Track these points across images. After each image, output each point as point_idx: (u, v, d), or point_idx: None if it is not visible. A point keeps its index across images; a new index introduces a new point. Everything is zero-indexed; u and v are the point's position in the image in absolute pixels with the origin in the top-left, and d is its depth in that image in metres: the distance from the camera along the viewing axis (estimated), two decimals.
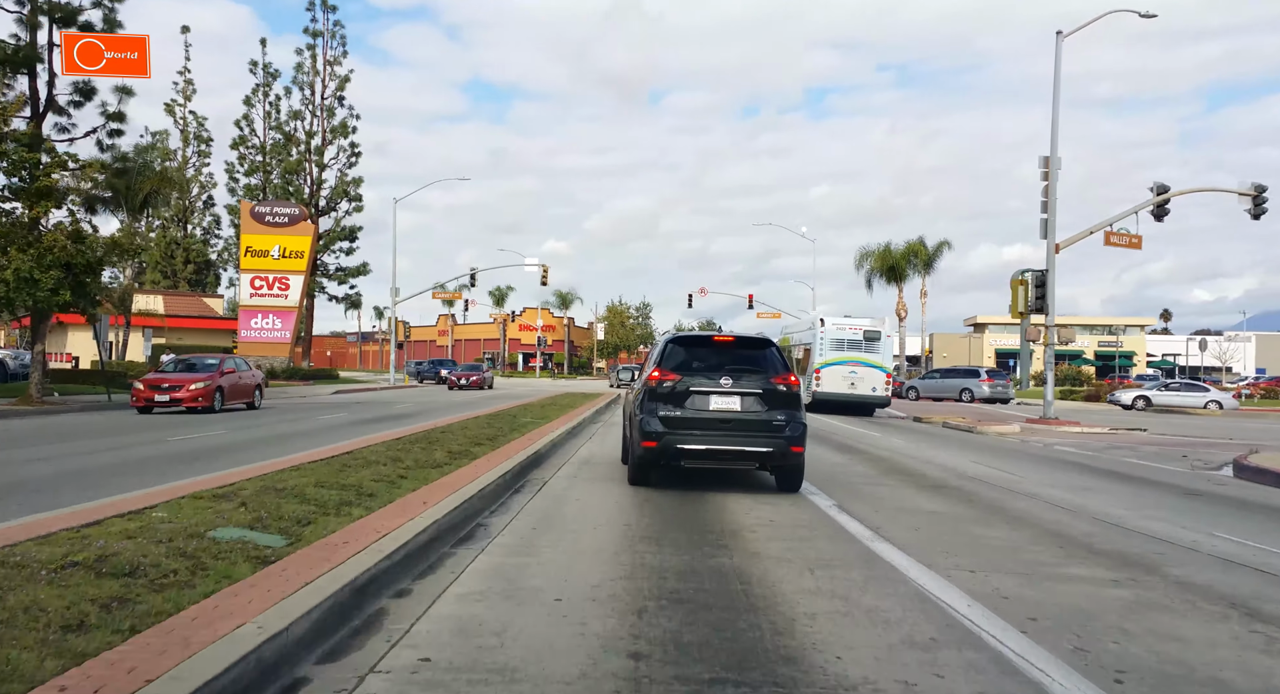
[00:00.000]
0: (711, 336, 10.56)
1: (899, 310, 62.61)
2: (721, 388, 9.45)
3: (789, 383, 9.63)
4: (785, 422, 9.47)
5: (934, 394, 44.27)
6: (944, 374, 44.92)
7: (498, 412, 21.00)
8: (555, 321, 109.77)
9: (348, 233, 61.98)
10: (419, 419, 20.69)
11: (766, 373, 9.65)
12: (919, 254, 61.40)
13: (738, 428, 9.42)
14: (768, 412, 9.47)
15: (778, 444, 9.40)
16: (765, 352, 10.04)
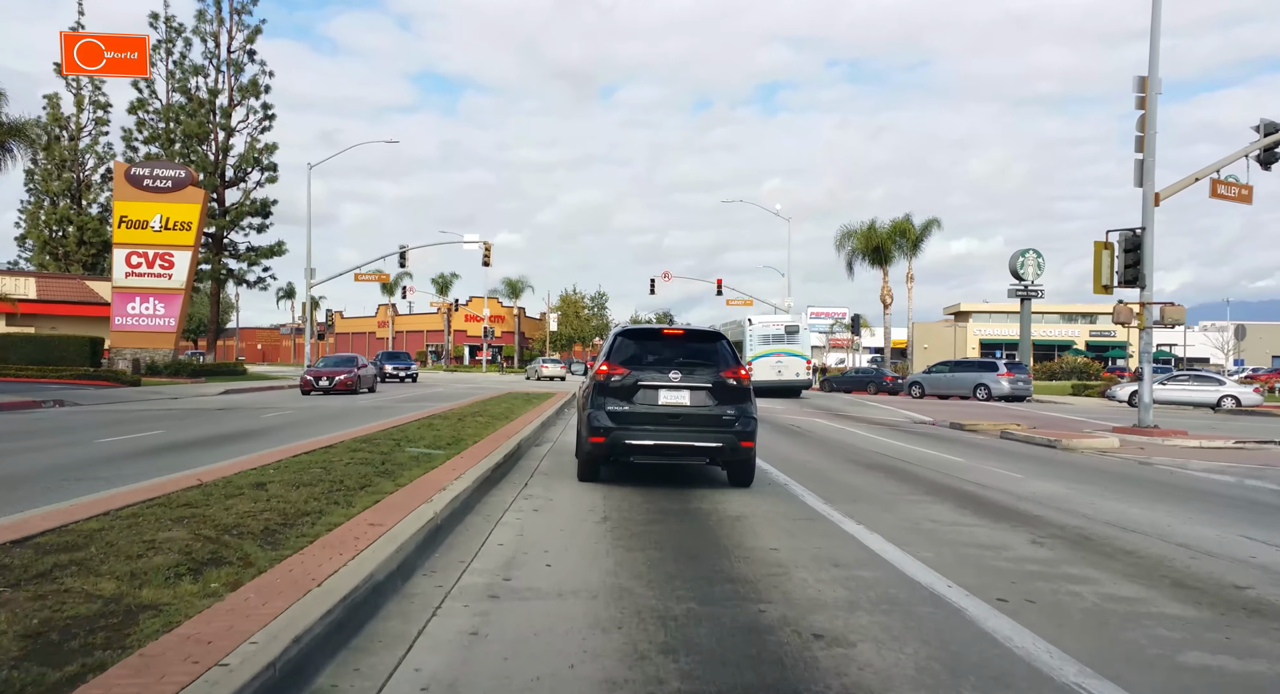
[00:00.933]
0: (661, 330, 10.22)
1: (884, 296, 56.44)
2: (671, 382, 9.32)
3: (739, 377, 9.48)
4: (735, 416, 9.33)
5: (941, 390, 38.04)
6: (954, 367, 38.62)
7: (373, 433, 13.78)
8: (504, 312, 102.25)
9: (259, 207, 54.04)
10: (234, 448, 13.49)
11: (717, 367, 9.48)
12: (907, 233, 55.27)
13: (687, 423, 9.29)
14: (718, 406, 9.34)
15: (727, 439, 9.26)
16: (716, 345, 9.83)
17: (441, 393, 33.79)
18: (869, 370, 48.06)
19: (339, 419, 19.39)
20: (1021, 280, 51.02)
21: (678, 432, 9.24)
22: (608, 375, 9.51)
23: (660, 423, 9.26)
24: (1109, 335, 68.12)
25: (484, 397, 26.46)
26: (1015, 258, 51.70)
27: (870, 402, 35.90)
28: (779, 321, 38.08)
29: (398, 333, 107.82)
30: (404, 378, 48.05)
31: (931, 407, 32.04)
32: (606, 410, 9.39)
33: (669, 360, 9.53)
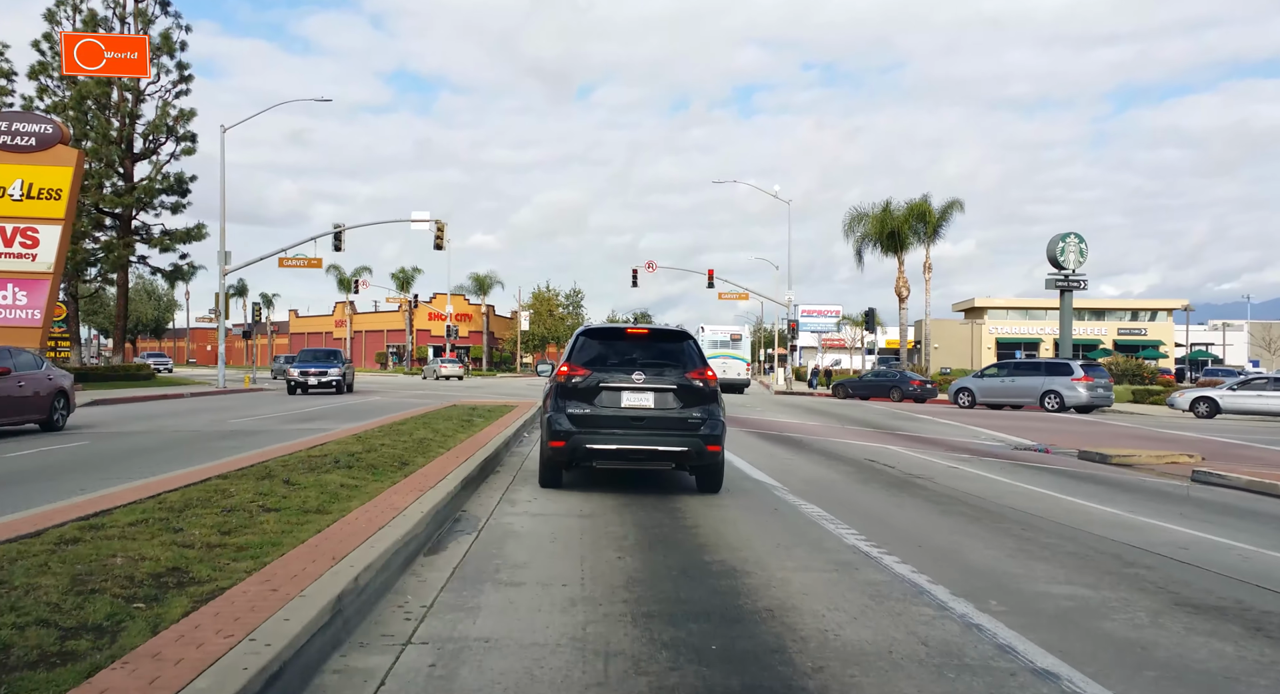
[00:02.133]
0: (625, 329, 9.79)
1: (899, 288, 49.51)
2: (634, 384, 8.97)
3: (706, 378, 9.15)
4: (702, 419, 9.01)
5: (996, 398, 31.13)
6: (1015, 370, 31.45)
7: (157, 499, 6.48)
8: (472, 309, 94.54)
9: (174, 183, 46.13)
10: None
11: (682, 367, 9.14)
12: (925, 217, 48.38)
13: (651, 426, 8.96)
14: (683, 409, 9.02)
15: (693, 443, 8.92)
16: (682, 345, 9.44)
17: (381, 404, 26.24)
18: (890, 373, 41.04)
19: (192, 452, 11.87)
20: (1061, 269, 44.16)
21: (641, 435, 8.90)
22: (568, 376, 9.14)
23: (623, 426, 8.92)
24: (1139, 333, 61.76)
25: (437, 406, 18.97)
26: (1054, 243, 44.86)
27: (910, 412, 28.84)
28: (726, 330, 46.52)
29: (356, 333, 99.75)
30: (323, 386, 33.31)
31: (997, 420, 25.00)
32: (567, 413, 9.04)
33: (633, 361, 9.15)
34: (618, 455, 8.98)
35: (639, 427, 8.95)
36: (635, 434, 8.93)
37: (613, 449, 8.91)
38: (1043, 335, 63.99)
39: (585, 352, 9.42)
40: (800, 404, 34.50)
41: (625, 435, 8.91)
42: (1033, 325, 64.62)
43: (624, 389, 9.01)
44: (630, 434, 8.92)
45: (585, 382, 9.09)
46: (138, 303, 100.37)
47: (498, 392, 40.20)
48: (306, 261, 38.84)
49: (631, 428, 8.94)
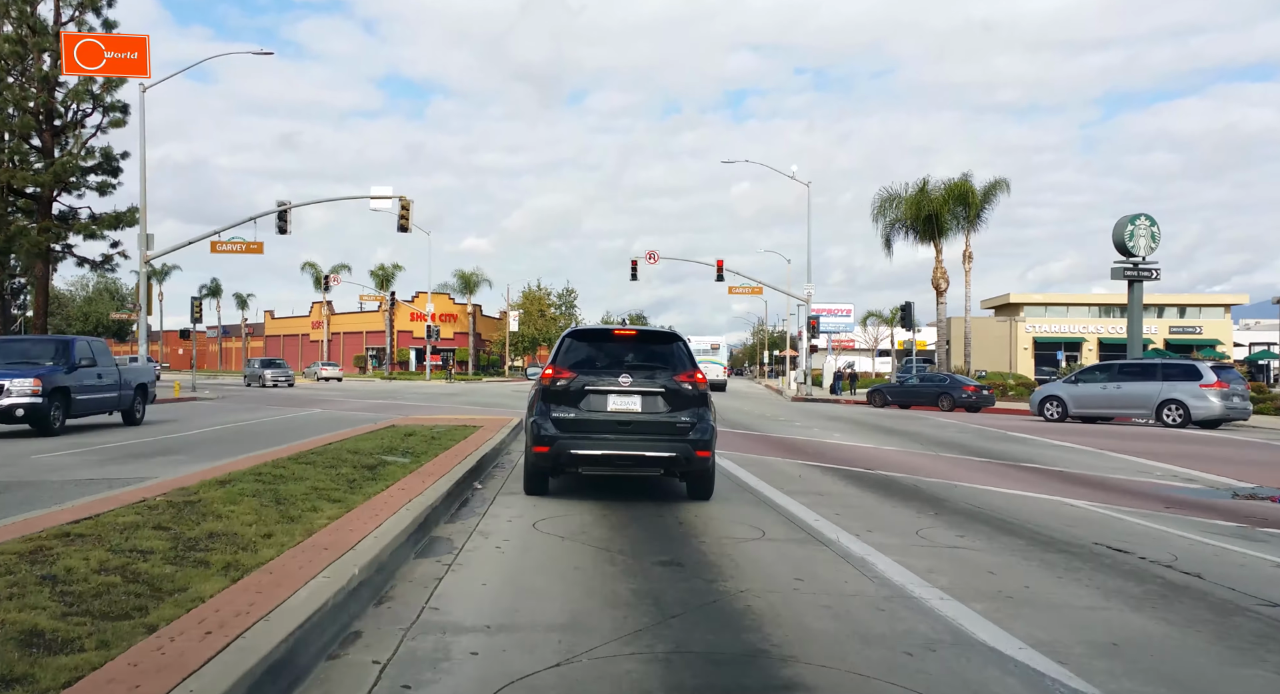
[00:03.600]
0: (612, 330, 9.72)
1: (937, 279, 43.48)
2: (620, 386, 8.70)
3: (695, 381, 8.86)
4: (690, 423, 8.72)
5: (1097, 410, 25.15)
6: (1120, 374, 25.19)
7: None
8: (457, 309, 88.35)
9: (102, 161, 39.93)
10: None
11: (671, 370, 8.89)
12: (968, 198, 42.34)
13: (638, 430, 8.68)
14: (671, 413, 8.75)
15: (681, 448, 8.63)
16: (671, 347, 9.21)
17: (267, 427, 20.09)
18: (938, 377, 34.96)
19: None
20: (1130, 256, 38.08)
21: (628, 440, 8.65)
22: (553, 380, 8.89)
23: (609, 431, 8.67)
24: (1193, 332, 55.84)
25: (371, 427, 12.75)
26: (1121, 227, 38.75)
27: (989, 426, 22.78)
28: (706, 340, 53.56)
29: (334, 334, 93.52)
30: None
31: (1117, 440, 19.06)
32: (552, 418, 8.77)
33: (621, 363, 8.93)
34: (604, 461, 8.70)
35: (626, 431, 8.65)
36: (622, 439, 8.63)
37: (598, 455, 8.62)
38: (1085, 334, 58.06)
39: (572, 354, 9.13)
40: (836, 414, 28.44)
41: (611, 440, 8.61)
42: (1074, 323, 58.63)
43: (610, 392, 8.72)
44: (617, 439, 8.63)
45: (571, 385, 8.78)
46: (98, 303, 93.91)
47: (475, 400, 34.04)
48: (244, 246, 32.65)
49: (618, 432, 8.64)
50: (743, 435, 18.87)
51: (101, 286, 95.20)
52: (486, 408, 28.30)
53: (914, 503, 9.47)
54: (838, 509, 8.84)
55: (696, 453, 8.64)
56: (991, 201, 43.35)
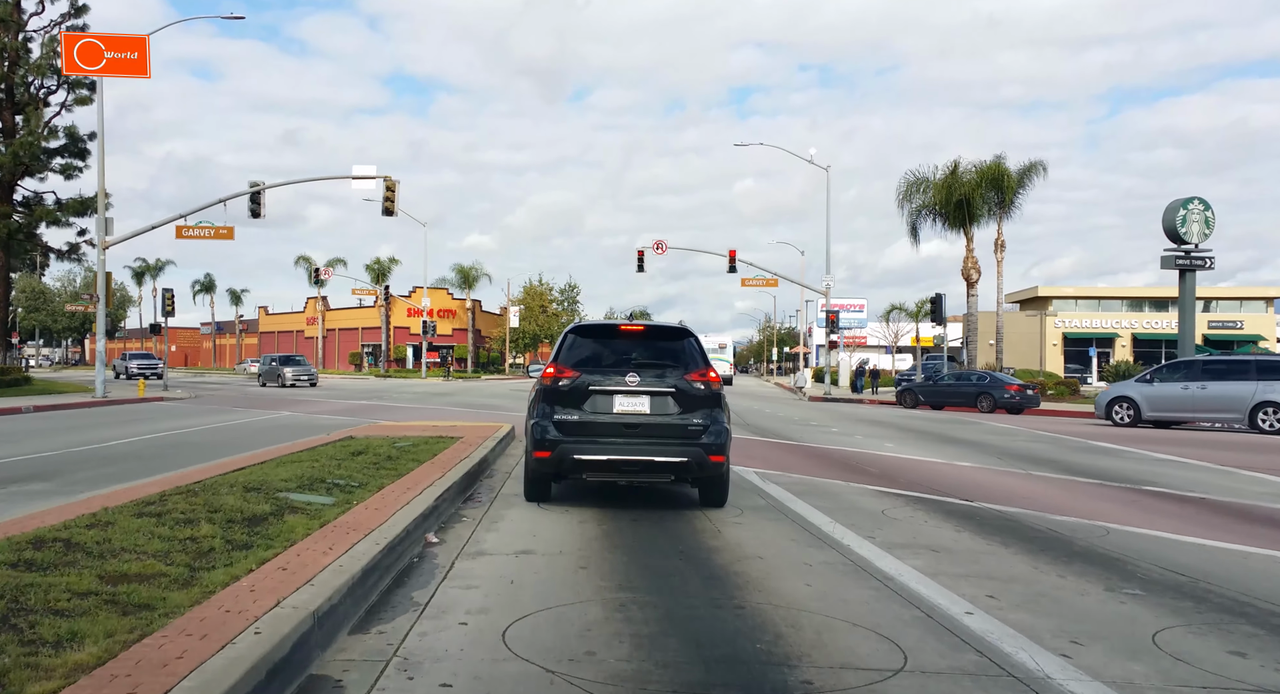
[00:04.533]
0: (618, 326, 9.06)
1: (968, 270, 40.29)
2: (627, 386, 8.10)
3: (708, 380, 8.27)
4: (703, 426, 8.12)
5: (1176, 413, 22.14)
6: (1205, 373, 21.84)
7: None
8: (456, 305, 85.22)
9: (68, 142, 36.95)
10: None
11: (682, 368, 8.31)
12: (1002, 182, 39.12)
13: (646, 434, 8.08)
14: (682, 414, 8.16)
15: (693, 453, 8.00)
16: (682, 343, 8.61)
17: (224, 434, 17.04)
18: (977, 375, 31.76)
19: None
20: (1183, 244, 34.83)
21: (636, 444, 8.03)
22: (554, 379, 8.28)
23: (615, 434, 8.06)
24: (1233, 326, 52.56)
25: (319, 439, 9.63)
26: (1172, 211, 35.47)
27: (1056, 433, 19.65)
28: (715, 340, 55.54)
29: (329, 331, 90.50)
30: None
31: (1215, 451, 15.93)
32: (553, 420, 8.15)
33: (627, 361, 8.37)
34: (609, 467, 8.08)
35: (633, 434, 8.07)
36: (629, 443, 8.04)
37: (604, 460, 8.00)
38: (1119, 329, 54.77)
39: (575, 351, 8.55)
40: (868, 416, 25.33)
41: (618, 445, 8.02)
42: (1106, 318, 55.29)
43: (617, 393, 8.13)
44: (624, 443, 8.03)
45: (574, 384, 8.20)
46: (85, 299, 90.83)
47: (468, 400, 30.97)
48: (214, 231, 29.56)
49: (625, 436, 8.07)
50: (778, 446, 15.77)
51: (89, 281, 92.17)
52: (478, 410, 25.23)
53: (1090, 570, 6.31)
54: (986, 586, 5.71)
55: (710, 458, 8.06)
56: (1026, 186, 40.15)
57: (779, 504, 8.92)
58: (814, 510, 8.50)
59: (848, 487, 10.40)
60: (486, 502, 8.69)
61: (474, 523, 7.57)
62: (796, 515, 8.27)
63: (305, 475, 7.99)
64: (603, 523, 7.73)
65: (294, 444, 11.46)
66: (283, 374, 44.82)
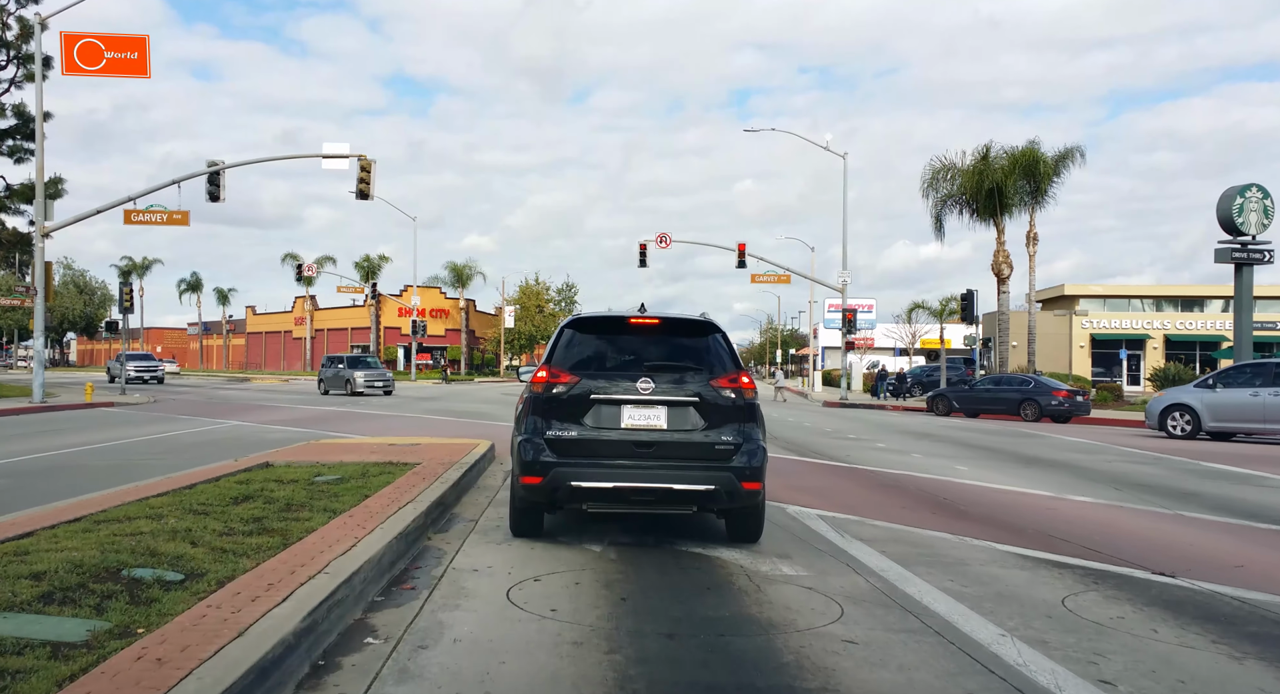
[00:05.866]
0: (626, 318, 7.01)
1: (999, 264, 37.17)
2: (639, 395, 6.43)
3: (741, 386, 6.60)
4: (734, 444, 6.45)
5: (1243, 423, 19.93)
6: (1277, 376, 19.00)
7: None
8: (449, 304, 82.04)
9: (19, 123, 33.77)
10: None
11: (708, 372, 6.63)
12: (1036, 169, 35.98)
13: (663, 454, 6.41)
14: (708, 430, 6.48)
15: (723, 479, 6.32)
16: (706, 341, 6.87)
17: (121, 455, 13.78)
18: (1019, 380, 28.56)
19: None
20: (1239, 235, 31.67)
21: (650, 469, 6.36)
22: (548, 385, 6.56)
23: (623, 455, 6.39)
24: (1272, 327, 49.33)
25: None
26: (1228, 200, 32.27)
27: (1132, 447, 16.48)
28: None
29: (318, 331, 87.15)
30: None
31: None
32: (546, 437, 6.47)
33: (637, 362, 6.68)
34: (616, 496, 6.38)
35: (647, 455, 6.41)
36: (641, 467, 6.37)
37: (609, 488, 6.32)
38: (1150, 330, 51.49)
39: (573, 350, 6.77)
40: (906, 427, 22.14)
41: (627, 468, 6.35)
42: (1137, 318, 52.03)
43: (625, 403, 6.46)
44: (634, 467, 6.37)
45: (571, 392, 6.51)
46: (64, 297, 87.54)
47: (453, 405, 27.72)
48: (166, 216, 26.33)
49: (636, 457, 6.40)
50: (827, 470, 12.58)
51: (68, 279, 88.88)
52: (461, 419, 22.03)
53: None
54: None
55: (743, 485, 6.38)
56: (1061, 174, 37.00)
57: (886, 585, 5.73)
58: (952, 603, 5.30)
59: (965, 544, 7.20)
60: (458, 538, 5.62)
61: (427, 588, 4.40)
62: (930, 615, 5.06)
63: (98, 558, 4.71)
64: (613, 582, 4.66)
65: (172, 479, 8.15)
66: (352, 380, 35.89)
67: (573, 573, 5.84)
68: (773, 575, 5.92)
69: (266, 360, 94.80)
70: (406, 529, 6.08)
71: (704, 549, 6.71)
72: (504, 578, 5.63)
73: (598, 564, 6.14)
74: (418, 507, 6.85)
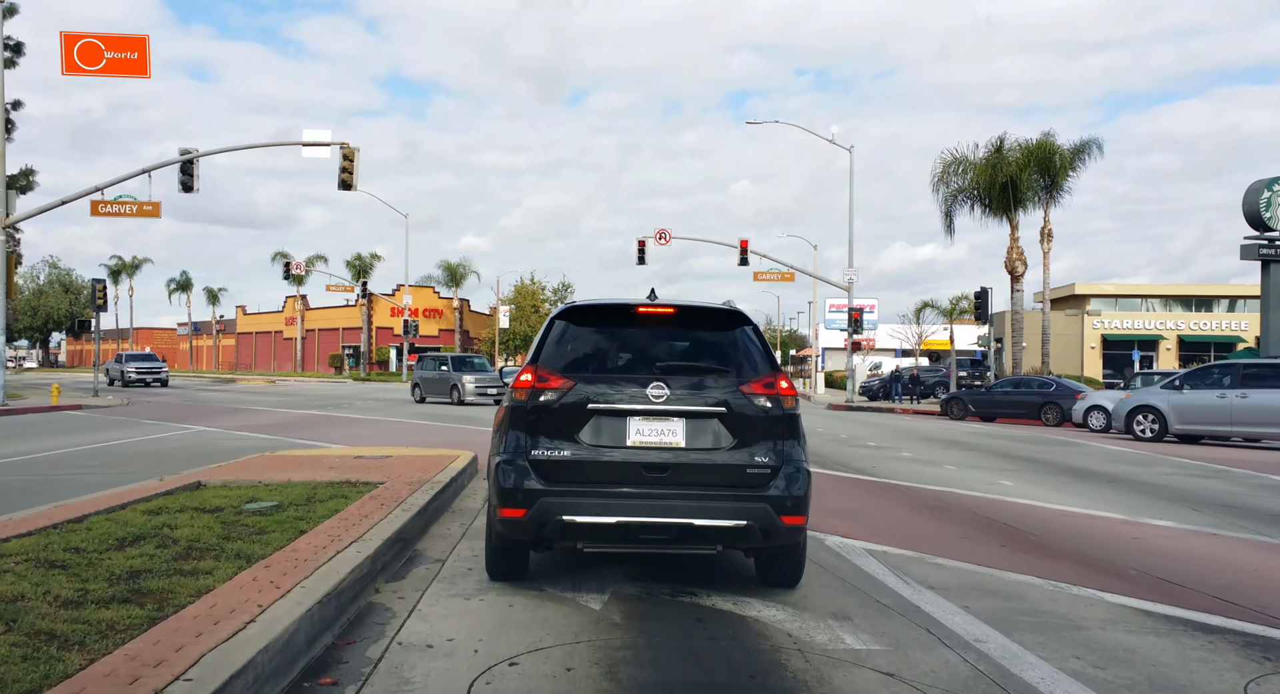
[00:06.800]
0: (633, 307, 5.50)
1: (1012, 262, 35.70)
2: (650, 404, 5.07)
3: (779, 393, 5.21)
4: (772, 467, 5.09)
5: (1211, 426, 18.53)
6: (1247, 379, 18.00)
7: None
8: (442, 304, 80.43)
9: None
10: None
11: (736, 374, 5.24)
12: (1051, 162, 34.52)
13: (680, 481, 5.03)
14: (737, 449, 5.10)
15: (757, 512, 4.94)
16: (734, 335, 5.45)
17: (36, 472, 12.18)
18: (1040, 382, 27.10)
19: None
20: (1268, 230, 30.24)
21: (664, 500, 4.94)
22: (533, 391, 5.15)
23: (631, 481, 5.01)
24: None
25: None
26: (1255, 193, 30.85)
27: (1184, 458, 14.99)
28: None
29: (309, 331, 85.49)
30: None
31: None
32: (531, 458, 5.07)
33: (649, 363, 5.28)
34: (620, 534, 4.94)
35: (660, 482, 5.01)
36: (653, 497, 4.95)
37: (611, 524, 4.89)
38: (1163, 331, 50.04)
39: (566, 347, 5.34)
40: (928, 433, 20.62)
41: (634, 500, 4.93)
42: (1150, 318, 50.63)
43: (633, 414, 5.06)
44: (644, 497, 4.94)
45: (564, 400, 5.09)
46: (49, 296, 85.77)
47: (440, 411, 26.13)
48: (136, 208, 24.71)
49: (646, 485, 5.00)
50: (858, 485, 11.05)
51: (54, 278, 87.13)
52: (447, 424, 20.48)
53: None
54: None
55: (782, 520, 4.98)
56: (1080, 166, 35.55)
57: (994, 668, 4.18)
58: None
59: (1065, 595, 5.65)
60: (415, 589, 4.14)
61: (355, 683, 2.88)
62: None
63: None
64: (618, 664, 3.38)
65: (62, 508, 6.51)
66: (460, 385, 29.76)
67: (563, 649, 4.30)
68: (835, 651, 4.37)
69: (257, 361, 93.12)
70: (340, 586, 4.53)
71: (735, 605, 5.18)
72: (467, 660, 4.09)
73: (597, 632, 4.61)
74: (364, 549, 5.30)
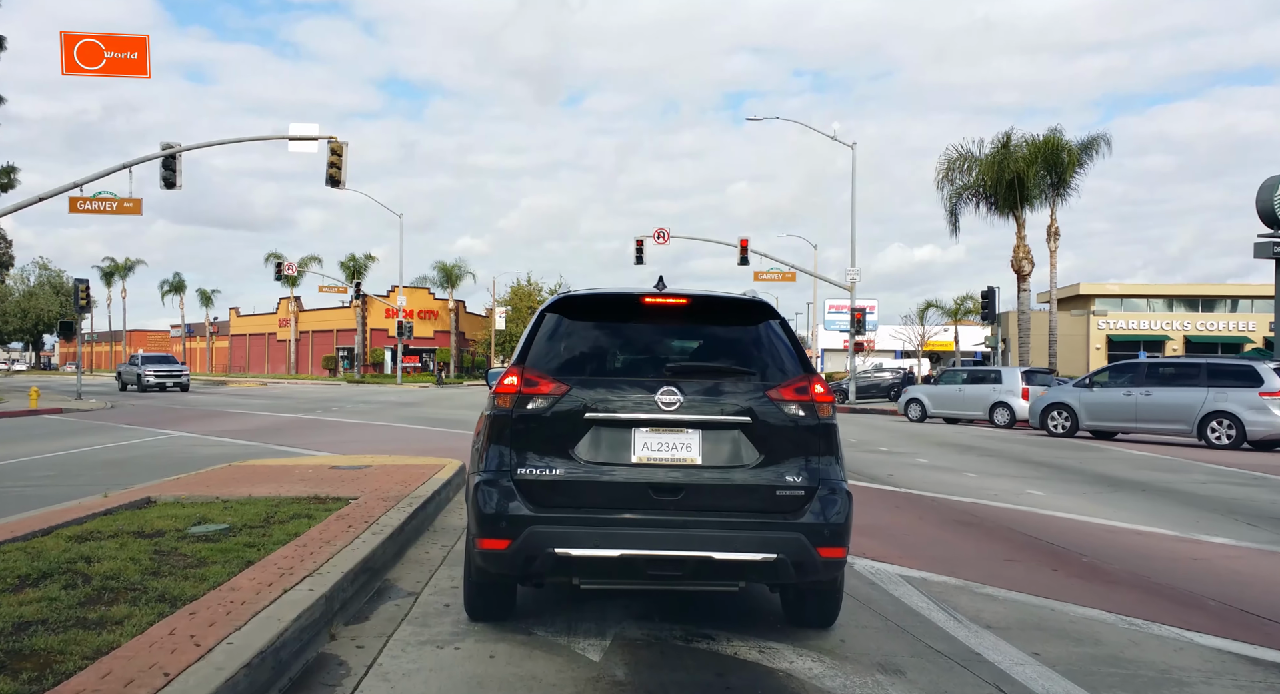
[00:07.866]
0: (639, 297, 4.66)
1: (1019, 261, 34.89)
2: (660, 412, 4.27)
3: (814, 399, 4.37)
4: (805, 489, 4.27)
5: (1117, 423, 19.27)
6: (1150, 377, 18.80)
7: None
8: (437, 305, 79.49)
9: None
10: None
11: (761, 377, 4.43)
12: (1058, 159, 33.71)
13: (696, 505, 4.22)
14: (764, 467, 4.27)
15: (789, 543, 4.14)
16: (758, 330, 4.62)
17: None
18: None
19: None
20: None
21: (676, 528, 4.13)
22: (520, 397, 4.31)
23: (637, 506, 4.20)
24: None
25: None
26: (1269, 189, 29.96)
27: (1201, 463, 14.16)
28: None
29: (303, 333, 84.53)
30: None
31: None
32: (517, 479, 4.24)
33: (657, 364, 4.49)
34: (624, 568, 4.10)
35: (672, 506, 4.17)
36: (663, 524, 4.13)
37: (614, 558, 4.06)
38: (1169, 331, 49.30)
39: (559, 345, 4.50)
40: (936, 437, 19.80)
41: (641, 528, 4.12)
42: (1156, 319, 49.91)
43: (639, 424, 4.24)
44: (652, 525, 4.13)
45: (556, 408, 4.27)
46: (40, 298, 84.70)
47: (433, 414, 25.25)
48: (117, 205, 23.82)
49: (655, 510, 4.17)
50: (878, 495, 10.21)
51: (44, 279, 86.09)
52: (438, 428, 19.62)
53: None
54: None
55: (819, 552, 4.14)
56: (1089, 162, 34.74)
57: None
58: None
59: (1145, 635, 4.82)
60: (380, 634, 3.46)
61: None
62: None
63: None
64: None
65: (23, 518, 5.72)
66: None
67: None
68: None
69: (250, 363, 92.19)
70: (279, 639, 3.67)
71: (762, 653, 4.34)
72: None
73: (597, 693, 3.76)
74: (318, 585, 4.44)
